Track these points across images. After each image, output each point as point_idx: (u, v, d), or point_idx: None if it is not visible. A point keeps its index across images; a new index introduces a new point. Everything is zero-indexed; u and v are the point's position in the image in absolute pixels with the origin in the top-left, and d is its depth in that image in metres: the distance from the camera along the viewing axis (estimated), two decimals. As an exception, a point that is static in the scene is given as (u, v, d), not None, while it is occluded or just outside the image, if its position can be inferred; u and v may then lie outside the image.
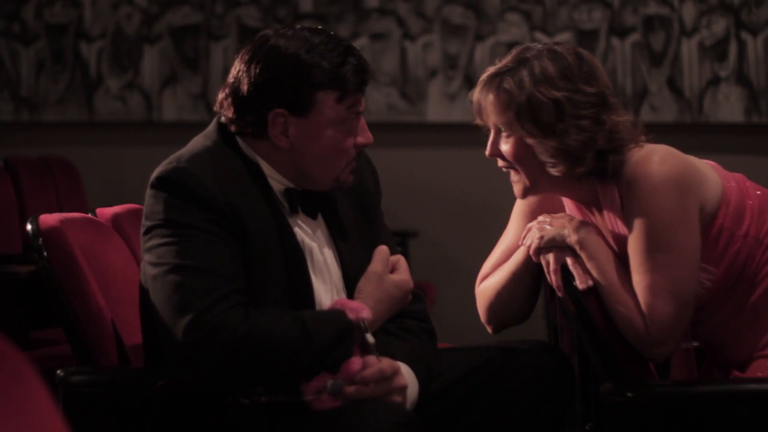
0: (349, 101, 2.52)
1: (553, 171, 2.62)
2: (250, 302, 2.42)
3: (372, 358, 2.45)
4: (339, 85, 2.50)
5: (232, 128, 2.55)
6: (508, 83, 2.63)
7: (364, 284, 2.55)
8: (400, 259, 2.62)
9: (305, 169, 2.54)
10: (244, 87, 2.52)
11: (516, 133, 2.63)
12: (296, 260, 2.53)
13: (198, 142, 2.57)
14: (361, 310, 2.46)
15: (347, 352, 2.43)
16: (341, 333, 2.43)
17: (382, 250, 2.59)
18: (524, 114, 2.61)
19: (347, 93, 2.51)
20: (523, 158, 2.64)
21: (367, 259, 2.60)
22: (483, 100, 2.67)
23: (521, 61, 2.64)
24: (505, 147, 2.66)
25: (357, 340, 2.45)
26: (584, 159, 2.61)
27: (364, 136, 2.57)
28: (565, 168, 2.62)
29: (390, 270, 2.60)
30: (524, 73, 2.62)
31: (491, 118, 2.67)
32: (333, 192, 2.60)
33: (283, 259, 2.51)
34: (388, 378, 2.44)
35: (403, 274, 2.60)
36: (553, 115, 2.60)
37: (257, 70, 2.50)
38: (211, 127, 2.61)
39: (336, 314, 2.45)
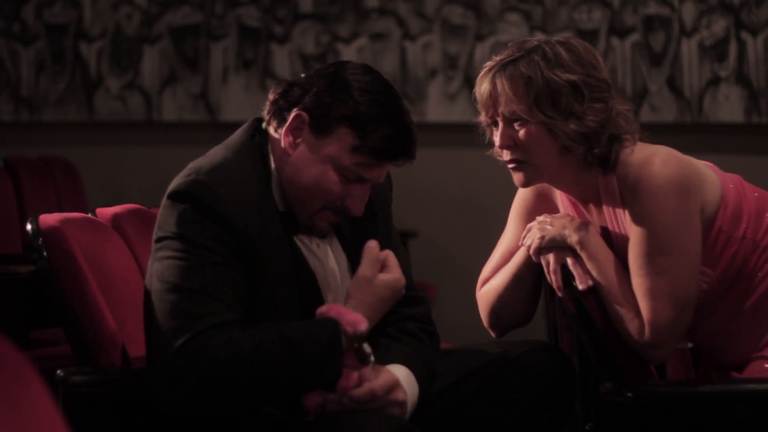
0: (363, 158, 2.46)
1: (571, 156, 2.61)
2: (241, 326, 2.39)
3: (368, 371, 2.43)
4: (362, 135, 2.45)
5: (267, 111, 2.53)
6: (524, 68, 2.60)
7: (354, 290, 2.50)
8: (388, 255, 2.53)
9: (291, 188, 2.51)
10: (310, 78, 2.51)
11: (535, 118, 2.60)
12: (306, 278, 2.52)
13: (219, 152, 2.53)
14: (359, 323, 2.42)
15: (337, 368, 2.40)
16: (330, 349, 2.40)
17: (370, 248, 2.52)
18: (543, 98, 2.59)
19: (365, 149, 2.46)
20: (540, 144, 2.61)
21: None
22: (497, 88, 2.62)
23: (531, 49, 2.62)
24: (521, 133, 2.62)
25: (353, 349, 2.44)
26: (601, 141, 2.61)
27: (354, 204, 2.50)
28: (584, 150, 2.61)
29: (381, 267, 2.52)
30: (537, 58, 2.60)
31: (506, 107, 2.62)
32: None
33: (295, 279, 2.50)
34: (378, 398, 2.43)
35: (393, 272, 2.52)
36: (571, 97, 2.59)
37: (331, 75, 2.49)
38: (239, 132, 2.57)
39: (325, 326, 2.42)
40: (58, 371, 2.55)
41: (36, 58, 6.36)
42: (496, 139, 2.66)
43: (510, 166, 2.67)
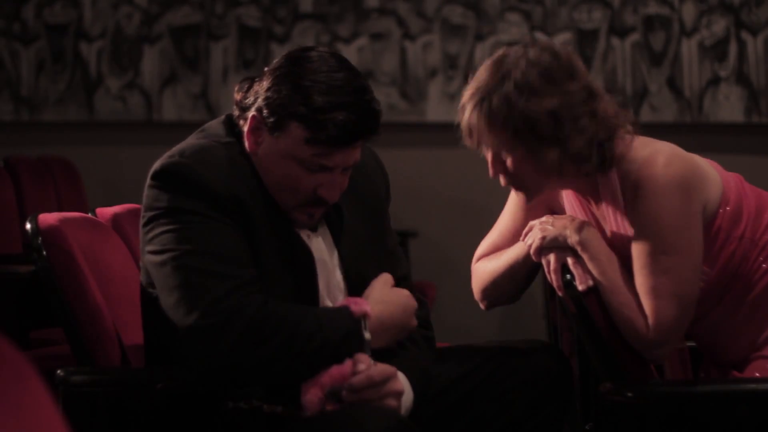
0: (319, 149, 2.44)
1: (561, 177, 2.61)
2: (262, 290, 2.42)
3: (365, 358, 2.44)
4: (313, 127, 2.43)
5: (235, 111, 2.54)
6: (496, 104, 2.55)
7: (369, 289, 2.53)
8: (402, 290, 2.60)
9: (267, 185, 2.52)
10: (264, 75, 2.51)
11: (517, 150, 2.58)
12: (304, 260, 2.52)
13: (199, 138, 2.56)
14: (364, 303, 2.46)
15: (354, 347, 2.42)
16: (350, 328, 2.43)
17: (385, 274, 2.58)
18: (522, 131, 2.55)
19: (318, 140, 2.44)
20: (528, 170, 2.60)
21: (375, 263, 2.58)
22: (475, 125, 2.59)
23: (503, 77, 2.57)
24: (508, 162, 2.61)
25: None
26: (590, 157, 2.59)
27: (326, 192, 2.48)
28: (573, 170, 2.60)
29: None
30: (509, 89, 2.55)
31: (487, 141, 2.60)
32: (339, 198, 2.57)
33: (291, 257, 2.50)
34: (377, 385, 2.43)
35: (406, 291, 2.58)
36: (552, 125, 2.55)
37: (277, 71, 2.49)
38: (214, 123, 2.59)
39: (344, 311, 2.45)
40: (58, 371, 2.55)
41: (36, 57, 6.36)
42: (489, 162, 2.65)
43: (514, 188, 2.68)
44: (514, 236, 2.78)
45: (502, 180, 2.66)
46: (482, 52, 6.15)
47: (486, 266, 2.82)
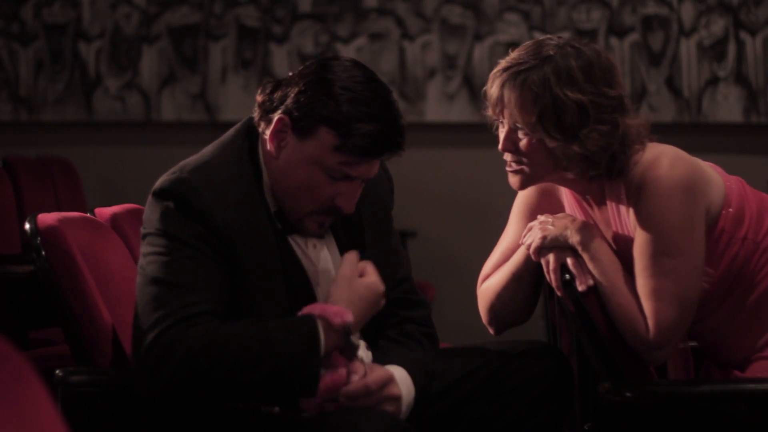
0: (346, 157, 2.44)
1: (567, 174, 2.61)
2: (219, 320, 2.38)
3: (357, 365, 2.43)
4: (343, 134, 2.43)
5: (256, 112, 2.52)
6: (533, 82, 2.57)
7: (333, 289, 2.46)
8: (367, 264, 2.50)
9: (280, 191, 2.51)
10: (292, 78, 2.49)
11: (536, 134, 2.59)
12: (298, 277, 2.51)
13: (208, 151, 2.54)
14: (344, 313, 2.40)
15: (315, 363, 2.37)
16: (307, 344, 2.37)
17: (350, 256, 2.49)
18: (548, 115, 2.57)
19: (347, 148, 2.43)
20: (538, 157, 2.61)
21: (379, 267, 2.56)
22: (505, 96, 2.60)
23: (544, 58, 2.59)
24: (523, 143, 2.62)
25: (341, 344, 2.42)
26: (600, 164, 2.60)
27: (345, 202, 2.48)
28: (580, 171, 2.61)
29: (359, 275, 2.49)
30: (549, 72, 2.58)
31: (510, 117, 2.61)
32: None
33: (283, 277, 2.49)
34: (373, 392, 2.42)
35: (372, 277, 2.49)
36: (576, 118, 2.57)
37: (310, 76, 2.47)
38: (233, 131, 2.57)
39: (303, 321, 2.39)
40: (57, 371, 2.55)
41: (35, 57, 6.36)
42: (500, 136, 2.66)
43: (507, 168, 2.67)
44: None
45: (507, 156, 2.65)
46: (481, 52, 6.15)
47: (489, 283, 2.81)
